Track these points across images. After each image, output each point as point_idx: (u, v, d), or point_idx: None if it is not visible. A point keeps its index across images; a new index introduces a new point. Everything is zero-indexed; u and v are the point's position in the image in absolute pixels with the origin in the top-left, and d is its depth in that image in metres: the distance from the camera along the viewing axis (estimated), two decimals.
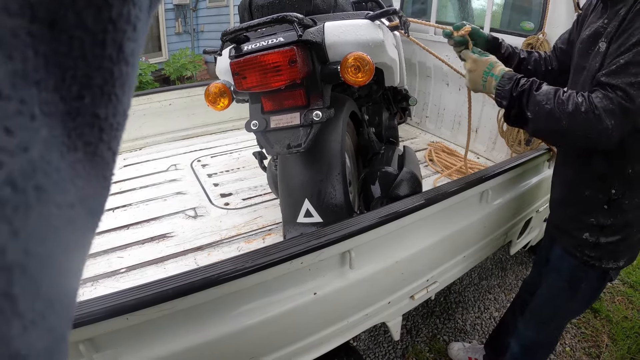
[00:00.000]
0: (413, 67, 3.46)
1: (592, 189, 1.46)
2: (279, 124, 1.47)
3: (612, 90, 1.21)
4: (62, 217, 0.19)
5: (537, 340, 1.81)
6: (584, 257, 1.51)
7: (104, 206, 0.24)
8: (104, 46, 0.19)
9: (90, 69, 0.19)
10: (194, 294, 1.09)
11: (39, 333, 0.17)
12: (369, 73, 1.37)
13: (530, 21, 2.49)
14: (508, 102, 1.40)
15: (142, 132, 3.28)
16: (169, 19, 7.37)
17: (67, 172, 0.19)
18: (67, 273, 0.20)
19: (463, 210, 1.78)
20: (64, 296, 0.19)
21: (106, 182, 0.23)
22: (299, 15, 1.39)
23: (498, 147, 2.95)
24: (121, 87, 0.21)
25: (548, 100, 1.30)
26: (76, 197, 0.20)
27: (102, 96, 0.20)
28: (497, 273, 3.08)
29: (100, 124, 0.21)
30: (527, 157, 1.92)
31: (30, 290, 0.16)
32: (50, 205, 0.18)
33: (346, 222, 1.34)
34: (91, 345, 1.10)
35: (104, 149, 0.22)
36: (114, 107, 0.21)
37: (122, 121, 0.23)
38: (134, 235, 2.19)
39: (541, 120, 1.32)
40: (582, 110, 1.23)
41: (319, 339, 1.45)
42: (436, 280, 1.82)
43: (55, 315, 0.19)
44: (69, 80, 0.19)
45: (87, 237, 0.22)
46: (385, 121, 2.31)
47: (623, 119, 1.20)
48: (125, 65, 0.21)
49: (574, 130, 1.26)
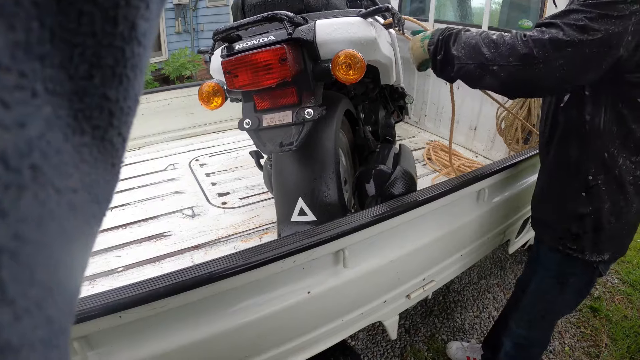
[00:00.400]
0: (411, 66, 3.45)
1: (568, 176, 1.45)
2: (271, 123, 1.47)
3: (547, 26, 1.20)
4: (62, 203, 0.18)
5: (529, 337, 1.80)
6: (567, 249, 1.51)
7: (111, 195, 0.23)
8: (115, 23, 0.18)
9: (101, 47, 0.18)
10: (186, 292, 1.09)
11: (34, 323, 0.16)
12: (361, 70, 1.37)
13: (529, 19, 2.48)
14: (435, 46, 1.40)
15: (141, 132, 3.28)
16: (168, 18, 7.37)
17: (71, 155, 0.18)
18: (69, 262, 0.19)
19: (459, 208, 1.78)
20: (64, 286, 0.19)
21: (115, 169, 0.22)
22: (289, 14, 1.39)
23: (496, 145, 2.95)
24: (133, 68, 0.20)
25: (474, 36, 1.31)
26: (80, 182, 0.19)
27: (112, 77, 0.19)
28: (496, 272, 3.07)
29: (110, 106, 0.20)
30: (524, 156, 1.92)
31: (22, 277, 0.16)
32: (48, 188, 0.17)
33: (339, 221, 1.34)
34: (85, 342, 1.10)
35: (114, 134, 0.21)
36: (125, 89, 0.20)
37: (134, 106, 0.22)
38: (132, 235, 2.19)
39: (466, 55, 1.31)
40: (507, 39, 1.23)
41: (314, 338, 1.45)
42: (433, 279, 1.82)
43: (55, 306, 0.18)
44: (77, 58, 0.18)
45: (92, 226, 0.21)
46: (382, 119, 2.30)
47: (553, 51, 1.16)
48: (137, 45, 0.20)
49: (497, 60, 1.23)
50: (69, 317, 0.19)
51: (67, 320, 0.19)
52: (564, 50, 1.16)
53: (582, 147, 1.39)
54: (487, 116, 2.92)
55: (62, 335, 0.19)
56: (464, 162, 2.93)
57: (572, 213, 1.47)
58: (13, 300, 0.15)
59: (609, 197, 1.39)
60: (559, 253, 1.55)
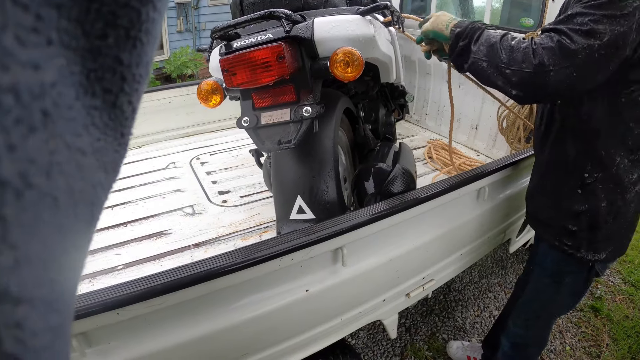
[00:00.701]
0: (413, 65, 3.45)
1: (564, 174, 1.45)
2: (269, 120, 1.46)
3: (554, 32, 1.21)
4: (70, 160, 0.17)
5: (526, 336, 1.80)
6: (563, 246, 1.51)
7: (119, 166, 0.22)
8: None
9: (117, 6, 0.18)
10: (183, 289, 1.09)
11: (35, 278, 0.16)
12: (359, 68, 1.37)
13: (530, 17, 2.47)
14: (462, 30, 1.40)
15: (142, 130, 3.28)
16: (170, 17, 7.38)
17: (82, 115, 0.18)
18: (74, 230, 0.19)
19: (459, 207, 1.77)
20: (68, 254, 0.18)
21: (124, 139, 0.22)
22: (286, 11, 1.38)
23: (498, 144, 2.94)
24: (147, 33, 0.20)
25: (495, 36, 1.32)
26: (90, 146, 0.19)
27: (127, 40, 0.19)
28: (498, 271, 3.07)
29: (122, 71, 0.20)
30: (524, 155, 1.91)
31: (25, 222, 0.15)
32: (57, 139, 0.16)
33: (337, 219, 1.34)
34: (84, 339, 1.10)
35: (125, 101, 0.21)
36: (138, 55, 0.20)
37: (145, 74, 0.21)
38: (132, 233, 2.20)
39: (482, 52, 1.33)
40: (522, 46, 1.25)
41: (313, 336, 1.45)
42: (433, 278, 1.81)
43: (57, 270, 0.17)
44: (94, 14, 0.17)
45: (99, 194, 0.21)
46: (382, 118, 2.30)
47: (562, 59, 1.17)
48: (153, 9, 0.20)
49: (510, 65, 1.25)
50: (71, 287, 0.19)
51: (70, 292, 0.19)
52: (574, 58, 1.16)
53: (578, 144, 1.39)
54: (489, 115, 2.91)
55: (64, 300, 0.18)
56: (465, 160, 2.92)
57: (568, 210, 1.47)
58: (14, 244, 0.15)
59: (606, 195, 1.39)
60: (555, 250, 1.55)
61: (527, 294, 1.73)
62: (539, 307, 1.72)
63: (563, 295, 1.64)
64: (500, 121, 2.63)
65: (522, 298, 1.75)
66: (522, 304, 1.76)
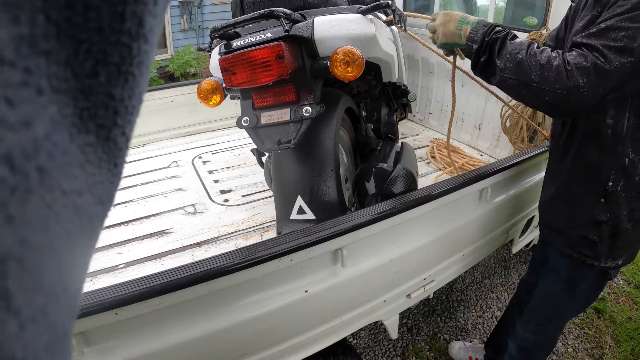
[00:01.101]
0: (416, 64, 3.43)
1: (587, 182, 1.42)
2: (269, 120, 1.46)
3: (587, 49, 1.17)
4: (67, 205, 0.17)
5: (536, 341, 1.78)
6: (581, 257, 1.48)
7: (114, 195, 0.22)
8: (123, 19, 0.18)
9: (107, 44, 0.18)
10: (181, 290, 1.09)
11: (38, 330, 0.16)
12: (359, 68, 1.36)
13: (534, 16, 2.46)
14: (479, 46, 1.35)
15: (144, 129, 3.29)
16: (174, 15, 7.38)
17: (77, 155, 0.18)
18: (73, 265, 0.19)
19: (461, 208, 1.76)
20: (68, 289, 0.18)
21: (117, 170, 0.22)
22: (286, 11, 1.37)
23: (501, 144, 2.92)
24: (139, 66, 0.20)
25: (520, 50, 1.26)
26: (85, 184, 0.19)
27: (118, 75, 0.19)
28: (500, 272, 3.05)
29: (115, 105, 0.20)
30: (527, 155, 1.90)
31: (28, 285, 0.15)
32: (54, 190, 0.16)
33: (337, 220, 1.33)
34: (82, 339, 1.10)
35: (118, 133, 0.20)
36: (131, 88, 0.20)
37: (138, 105, 0.21)
38: (134, 232, 2.20)
39: (510, 69, 1.27)
40: (554, 64, 1.19)
41: (312, 337, 1.45)
42: (434, 279, 1.80)
43: (59, 311, 0.17)
44: (83, 55, 0.17)
45: (95, 227, 0.21)
46: (384, 117, 2.29)
47: (596, 79, 1.15)
48: (144, 42, 0.19)
49: (542, 84, 1.21)
50: (71, 321, 0.19)
51: (70, 324, 0.19)
52: (609, 78, 1.14)
53: (603, 152, 1.35)
54: (492, 114, 2.90)
55: (65, 338, 0.18)
56: (467, 160, 2.91)
57: (590, 220, 1.43)
58: (18, 310, 0.15)
59: (628, 203, 1.37)
60: (572, 260, 1.51)
61: (538, 299, 1.70)
62: (551, 313, 1.69)
63: (577, 301, 1.62)
64: (503, 121, 2.61)
65: (532, 303, 1.72)
66: (532, 309, 1.73)
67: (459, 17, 1.44)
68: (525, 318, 1.78)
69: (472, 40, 1.38)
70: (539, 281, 1.69)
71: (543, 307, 1.70)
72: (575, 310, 1.73)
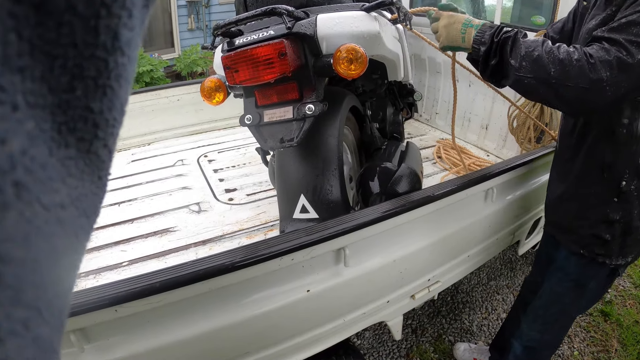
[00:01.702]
0: (423, 63, 3.41)
1: (600, 182, 1.40)
2: (272, 118, 1.45)
3: (609, 43, 1.14)
4: (50, 219, 0.17)
5: (542, 340, 1.77)
6: (592, 254, 1.47)
7: (99, 207, 0.22)
8: (96, 33, 0.18)
9: (82, 59, 0.18)
10: (181, 288, 1.08)
11: (20, 344, 0.16)
12: (362, 65, 1.34)
13: (541, 15, 2.43)
14: (487, 48, 1.30)
15: (151, 128, 3.30)
16: (181, 15, 7.40)
17: (57, 169, 0.18)
18: (58, 278, 0.19)
19: (466, 208, 1.75)
20: (52, 304, 0.18)
21: (102, 182, 0.22)
22: (288, 8, 1.36)
23: (508, 144, 2.90)
24: (117, 79, 0.20)
25: (536, 47, 1.22)
26: (68, 197, 0.19)
27: (96, 89, 0.19)
28: (506, 273, 3.03)
29: (94, 118, 0.19)
30: (534, 155, 1.88)
31: (7, 299, 0.15)
32: (34, 205, 0.16)
33: (340, 219, 1.32)
34: (82, 335, 1.10)
35: (99, 145, 0.20)
36: (110, 101, 0.20)
37: (119, 117, 0.21)
38: (138, 229, 2.20)
39: (527, 68, 1.22)
40: (575, 57, 1.16)
41: (315, 336, 1.44)
42: (438, 280, 1.79)
43: (44, 325, 0.17)
44: (58, 70, 0.17)
45: (81, 240, 0.21)
46: (390, 116, 2.27)
47: (619, 73, 1.12)
48: (121, 55, 0.19)
49: (563, 80, 1.17)
50: (58, 334, 0.19)
51: (58, 337, 0.19)
52: (631, 72, 1.12)
53: (617, 151, 1.34)
54: (499, 114, 2.88)
55: (52, 353, 0.18)
56: (474, 160, 2.89)
57: (602, 219, 1.42)
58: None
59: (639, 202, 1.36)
60: (582, 258, 1.50)
61: (544, 298, 1.69)
62: (558, 311, 1.68)
63: (585, 299, 1.61)
64: (510, 121, 2.59)
65: (538, 302, 1.71)
66: (539, 308, 1.72)
67: (463, 20, 1.39)
68: (531, 317, 1.77)
69: (480, 43, 1.33)
70: (545, 280, 1.67)
71: (550, 306, 1.69)
72: (582, 308, 1.72)
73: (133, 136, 3.25)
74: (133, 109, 3.21)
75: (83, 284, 1.85)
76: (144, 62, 6.14)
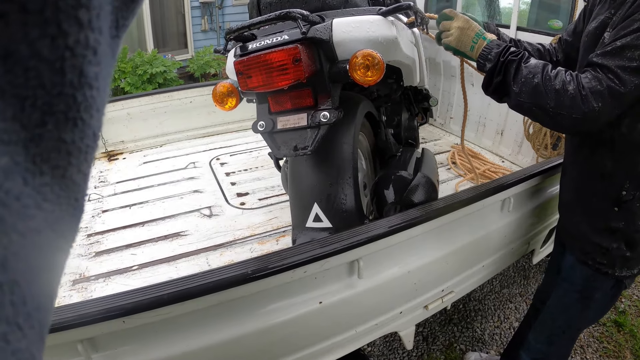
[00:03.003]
0: (438, 67, 3.38)
1: (600, 189, 1.38)
2: (285, 125, 1.42)
3: (602, 71, 1.16)
4: (26, 244, 0.18)
5: (549, 353, 1.73)
6: (596, 264, 1.44)
7: (77, 228, 0.23)
8: (63, 73, 0.19)
9: (51, 97, 0.19)
10: (191, 300, 1.06)
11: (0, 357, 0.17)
12: (379, 72, 1.31)
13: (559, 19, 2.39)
14: (493, 66, 1.33)
15: (163, 130, 3.30)
16: (195, 16, 7.42)
17: (32, 197, 0.19)
18: (37, 295, 0.20)
19: (482, 218, 1.71)
20: (31, 318, 0.19)
21: (78, 203, 0.22)
22: (303, 12, 1.33)
23: (524, 150, 2.86)
24: (87, 110, 0.20)
25: (535, 74, 1.25)
26: (44, 221, 0.20)
27: (66, 122, 0.20)
28: (520, 281, 2.98)
29: (67, 148, 0.20)
30: (552, 164, 1.83)
31: None
32: (10, 233, 0.17)
33: (354, 231, 1.29)
34: (89, 345, 1.10)
35: (74, 171, 0.21)
36: (81, 131, 0.21)
37: (92, 143, 0.22)
38: (149, 233, 2.20)
39: (526, 94, 1.27)
40: (569, 89, 1.19)
41: (325, 348, 1.41)
42: (452, 290, 1.75)
43: (23, 339, 0.18)
44: (29, 109, 0.18)
45: (59, 259, 0.22)
46: (405, 122, 2.24)
47: (611, 101, 1.15)
48: (89, 89, 0.20)
49: (558, 109, 1.21)
50: (39, 345, 0.20)
51: (38, 349, 0.20)
52: (622, 99, 1.15)
53: (617, 159, 1.32)
54: (515, 120, 2.83)
55: None
56: (489, 167, 2.85)
57: (603, 227, 1.40)
58: None
59: None
60: (587, 267, 1.48)
61: (550, 309, 1.65)
62: (564, 323, 1.65)
63: (591, 310, 1.57)
64: (526, 127, 2.55)
65: (545, 313, 1.68)
66: (545, 320, 1.69)
67: (477, 30, 1.41)
68: (538, 329, 1.74)
69: (485, 59, 1.36)
70: (553, 290, 1.64)
71: (556, 317, 1.66)
72: (589, 320, 1.68)
73: (145, 138, 3.26)
74: (145, 111, 3.21)
75: (93, 287, 1.85)
76: (157, 63, 6.16)
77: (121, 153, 3.19)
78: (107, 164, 3.03)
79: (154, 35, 7.05)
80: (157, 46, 6.93)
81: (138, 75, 6.00)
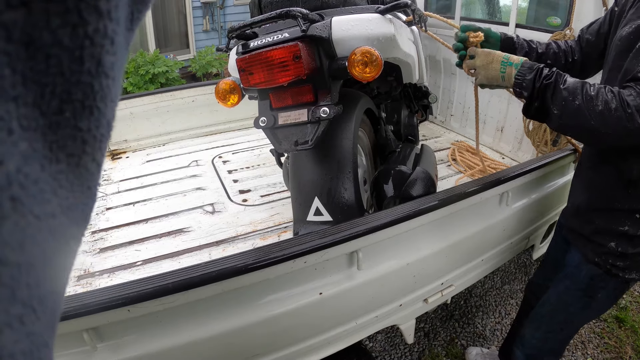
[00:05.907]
0: (438, 65, 3.40)
1: (623, 197, 1.37)
2: (286, 121, 1.45)
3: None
4: (42, 227, 0.19)
5: (544, 348, 1.72)
6: (607, 265, 1.43)
7: (89, 216, 0.24)
8: (81, 62, 0.19)
9: (69, 84, 0.19)
10: (194, 289, 1.09)
11: (15, 336, 0.17)
12: (377, 68, 1.34)
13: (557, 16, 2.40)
14: (530, 94, 1.30)
15: (166, 128, 3.33)
16: (196, 16, 7.44)
17: (49, 183, 0.20)
18: (50, 280, 0.20)
19: (481, 212, 1.73)
20: (44, 303, 0.20)
21: (91, 192, 0.23)
22: (303, 10, 1.36)
23: (524, 147, 2.87)
24: (103, 99, 0.21)
25: (575, 96, 1.22)
26: (58, 207, 0.20)
27: (83, 110, 0.20)
28: (521, 277, 2.99)
29: (83, 136, 0.21)
30: (551, 159, 1.85)
31: (4, 296, 0.17)
32: (28, 215, 0.18)
33: (353, 222, 1.31)
34: (95, 334, 1.12)
35: (88, 160, 0.22)
36: (97, 119, 0.21)
37: (107, 133, 0.23)
38: (152, 229, 2.22)
39: (568, 116, 1.23)
40: (613, 107, 1.15)
41: (326, 339, 1.43)
42: (452, 284, 1.77)
43: (37, 322, 0.19)
44: (48, 96, 0.19)
45: (72, 245, 0.22)
46: (404, 119, 2.26)
47: None
48: (105, 78, 0.21)
49: (603, 129, 1.18)
50: (50, 331, 0.21)
51: (50, 334, 0.20)
52: None
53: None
54: (515, 117, 2.85)
55: (45, 348, 0.20)
56: (489, 163, 2.86)
57: (622, 232, 1.39)
58: None
59: None
60: (597, 268, 1.47)
61: (549, 305, 1.65)
62: (564, 320, 1.64)
63: (592, 309, 1.57)
64: (526, 123, 2.56)
65: (543, 309, 1.68)
66: (543, 316, 1.68)
67: (501, 58, 1.38)
68: (534, 324, 1.73)
69: (521, 87, 1.33)
70: (552, 286, 1.64)
71: (555, 314, 1.65)
72: (587, 318, 1.68)
73: (148, 137, 3.29)
74: (148, 110, 3.24)
75: (97, 282, 1.88)
76: (159, 63, 6.18)
77: (124, 152, 3.22)
78: (110, 162, 3.06)
79: (156, 36, 7.08)
80: (159, 46, 6.95)
81: (140, 76, 6.03)
